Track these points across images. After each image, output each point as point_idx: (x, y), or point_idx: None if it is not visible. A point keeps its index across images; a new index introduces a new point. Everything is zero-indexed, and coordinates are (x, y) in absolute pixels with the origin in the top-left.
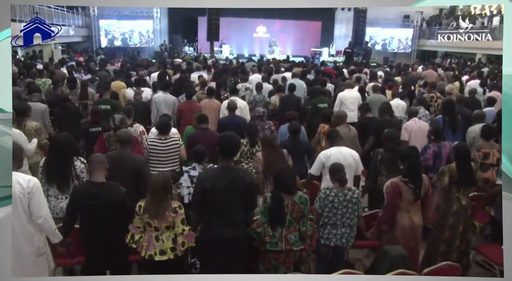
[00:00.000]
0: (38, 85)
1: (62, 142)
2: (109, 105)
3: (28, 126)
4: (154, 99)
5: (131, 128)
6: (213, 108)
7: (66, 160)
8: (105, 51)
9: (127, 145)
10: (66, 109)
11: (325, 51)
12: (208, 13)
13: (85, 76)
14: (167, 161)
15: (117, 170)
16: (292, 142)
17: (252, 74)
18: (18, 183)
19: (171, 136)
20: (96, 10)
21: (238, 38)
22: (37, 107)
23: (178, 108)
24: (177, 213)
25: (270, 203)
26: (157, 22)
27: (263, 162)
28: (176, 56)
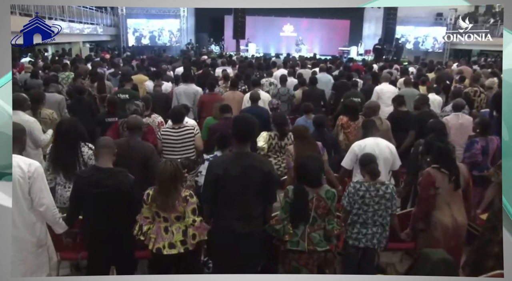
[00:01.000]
0: (61, 78)
1: (67, 127)
2: (128, 94)
3: (44, 114)
4: (174, 91)
5: (149, 118)
6: (236, 100)
7: (72, 145)
8: (133, 50)
9: (137, 132)
10: (81, 101)
11: (354, 50)
12: (234, 12)
13: (108, 70)
14: (181, 151)
15: (124, 158)
16: (317, 135)
17: (277, 70)
18: (18, 166)
19: (185, 126)
20: (124, 10)
21: (265, 37)
22: (53, 97)
23: (199, 100)
24: (188, 202)
25: (292, 197)
26: (184, 21)
27: (295, 156)
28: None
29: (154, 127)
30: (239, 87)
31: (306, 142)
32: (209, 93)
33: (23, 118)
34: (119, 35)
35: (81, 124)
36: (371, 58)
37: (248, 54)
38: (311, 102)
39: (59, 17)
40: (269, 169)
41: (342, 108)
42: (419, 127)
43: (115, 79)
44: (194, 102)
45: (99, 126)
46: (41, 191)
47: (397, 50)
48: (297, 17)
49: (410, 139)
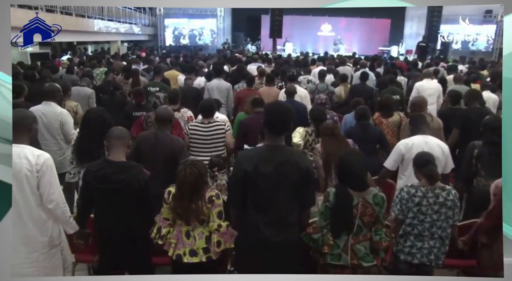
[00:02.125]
0: (96, 74)
1: (94, 116)
2: (158, 87)
3: (68, 106)
4: (206, 86)
5: (178, 113)
6: (272, 95)
7: (97, 136)
8: (169, 49)
9: (165, 125)
10: (113, 96)
11: (394, 50)
12: (271, 11)
13: (142, 66)
14: (210, 148)
15: (151, 153)
16: (360, 129)
17: (315, 67)
18: (26, 158)
19: (215, 121)
20: (162, 10)
21: (302, 37)
22: (83, 91)
23: (236, 96)
24: (213, 204)
25: (334, 202)
26: (220, 20)
27: (323, 154)
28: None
29: (183, 122)
30: (276, 83)
31: (335, 140)
32: (247, 89)
33: (56, 110)
34: (157, 34)
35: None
36: (413, 58)
37: (285, 53)
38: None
39: (98, 16)
40: (307, 166)
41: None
42: (466, 126)
43: (148, 74)
44: (227, 97)
45: (126, 120)
46: (50, 185)
47: (443, 48)
48: (335, 16)
49: (452, 139)
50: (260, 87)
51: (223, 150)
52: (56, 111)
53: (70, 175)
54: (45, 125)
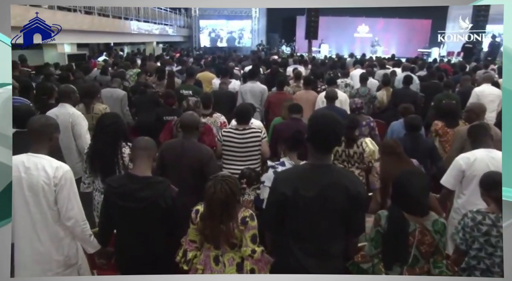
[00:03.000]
0: (129, 75)
1: (107, 122)
2: (191, 90)
3: (96, 109)
4: (240, 89)
5: (211, 118)
6: (309, 100)
7: (112, 144)
8: (204, 50)
9: (192, 132)
10: (145, 96)
11: (435, 52)
12: (307, 12)
13: (176, 68)
14: (244, 157)
15: (176, 163)
16: (410, 141)
17: (353, 70)
18: (44, 169)
19: (251, 127)
20: (198, 11)
21: (338, 38)
22: (115, 93)
23: (266, 100)
24: (247, 226)
25: (386, 227)
26: (255, 22)
27: (382, 175)
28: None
29: (216, 128)
30: (319, 87)
31: (397, 160)
32: (277, 92)
33: (68, 111)
34: (192, 36)
35: (146, 119)
36: (456, 60)
37: (320, 55)
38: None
39: (134, 18)
40: (358, 189)
41: (434, 112)
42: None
43: (182, 76)
44: (261, 101)
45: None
46: (69, 201)
47: (491, 49)
48: (373, 17)
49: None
50: (297, 89)
51: (258, 160)
52: (68, 112)
53: (84, 185)
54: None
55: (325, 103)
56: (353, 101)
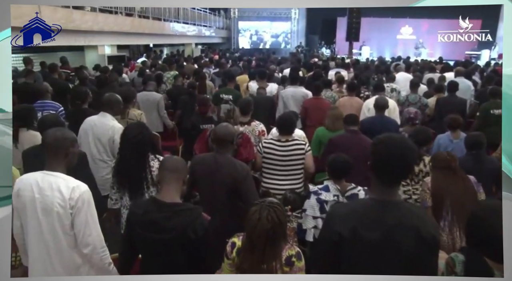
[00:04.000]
0: (167, 77)
1: (131, 133)
2: (231, 95)
3: (132, 114)
4: (281, 94)
5: (248, 126)
6: (353, 107)
7: (137, 157)
8: (242, 52)
9: (226, 147)
10: (193, 97)
11: (485, 54)
12: (349, 13)
13: (213, 70)
14: (286, 171)
15: (208, 181)
16: (472, 161)
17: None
18: (59, 190)
19: (295, 139)
20: (237, 12)
21: (380, 40)
22: (152, 96)
23: (303, 106)
24: (293, 267)
25: (463, 275)
26: (294, 23)
27: (434, 191)
28: (311, 56)
29: (253, 137)
30: (362, 93)
31: (452, 175)
32: (314, 97)
33: (108, 122)
34: (230, 37)
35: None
36: None
37: (362, 57)
38: (448, 114)
39: (174, 19)
40: (433, 233)
41: (481, 122)
42: None
43: (219, 79)
44: None
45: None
46: (86, 226)
47: None
48: (417, 18)
49: None
50: (340, 95)
51: (301, 175)
52: (108, 123)
53: (111, 201)
54: (94, 138)
55: (371, 111)
56: (407, 111)
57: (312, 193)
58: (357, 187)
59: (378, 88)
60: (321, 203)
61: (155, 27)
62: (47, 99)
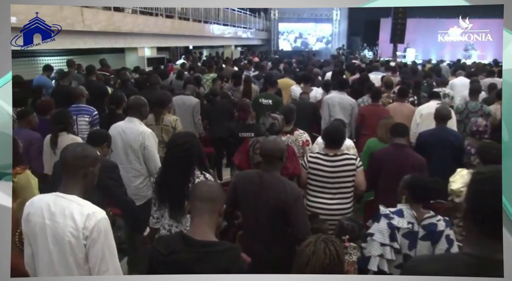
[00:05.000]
0: (205, 80)
1: (178, 142)
2: (271, 100)
3: (166, 120)
4: (326, 100)
5: (291, 135)
6: (404, 114)
7: (183, 170)
8: (282, 54)
9: (274, 164)
10: (217, 104)
11: None
12: (394, 13)
13: (253, 73)
14: (334, 189)
15: (252, 202)
16: None
17: (453, 78)
18: (72, 217)
19: (344, 153)
20: (277, 14)
21: (425, 42)
22: (188, 100)
23: (359, 113)
24: None
25: None
26: (336, 25)
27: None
28: (354, 59)
29: (297, 148)
30: (408, 98)
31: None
32: (372, 104)
33: (138, 128)
34: (270, 39)
35: (218, 133)
36: None
37: (406, 60)
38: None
39: (214, 21)
40: None
41: None
42: None
43: (259, 82)
44: (350, 117)
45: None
46: (102, 259)
47: None
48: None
49: None
50: (387, 101)
51: (351, 193)
52: (137, 129)
53: (153, 220)
54: (125, 145)
55: (423, 118)
56: (475, 122)
57: (382, 216)
58: (437, 216)
59: (433, 95)
60: (392, 229)
61: (195, 29)
62: (82, 103)
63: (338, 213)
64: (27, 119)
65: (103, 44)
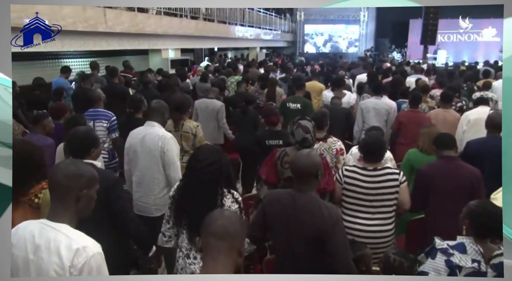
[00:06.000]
0: (230, 82)
1: (205, 160)
2: (299, 104)
3: (187, 126)
4: (360, 105)
5: (324, 143)
6: (449, 122)
7: (208, 192)
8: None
9: (309, 183)
10: (247, 112)
11: None
12: (425, 13)
13: (280, 75)
14: (374, 210)
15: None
16: None
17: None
18: (57, 252)
19: (386, 166)
20: (303, 16)
21: (457, 43)
22: (212, 104)
23: (397, 120)
24: None
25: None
26: (363, 26)
27: None
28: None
29: (330, 157)
30: (454, 104)
31: None
32: (412, 110)
33: (158, 132)
34: (295, 41)
35: (246, 141)
36: None
37: (437, 62)
38: None
39: (238, 23)
40: None
41: None
42: None
43: (285, 85)
44: (386, 122)
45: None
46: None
47: None
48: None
49: None
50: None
51: (392, 213)
52: (157, 133)
53: (164, 238)
54: (144, 152)
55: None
56: None
57: (439, 250)
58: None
59: (479, 101)
60: (452, 268)
61: (219, 30)
62: (99, 107)
63: (378, 236)
64: (41, 124)
65: (126, 45)
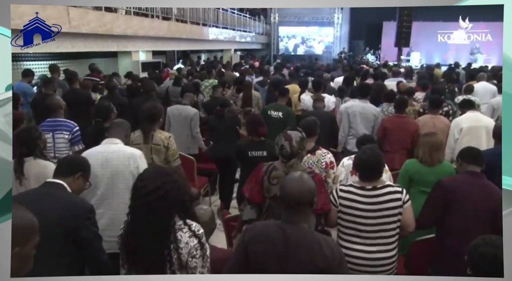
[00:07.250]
0: (205, 86)
1: (149, 186)
2: (281, 112)
3: (157, 138)
4: (345, 109)
5: (312, 156)
6: (438, 128)
7: (158, 226)
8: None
9: (303, 213)
10: (223, 118)
11: None
12: (399, 17)
13: (256, 78)
14: (374, 234)
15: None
16: None
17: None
18: None
19: (386, 184)
20: (277, 18)
21: (429, 45)
22: (185, 111)
23: (381, 126)
24: None
25: None
26: (337, 28)
27: None
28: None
29: (319, 170)
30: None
31: None
32: (397, 115)
33: (125, 150)
34: (270, 43)
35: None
36: None
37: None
38: None
39: (212, 24)
40: None
41: None
42: None
43: (263, 89)
44: (373, 128)
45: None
46: None
47: None
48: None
49: None
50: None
51: (395, 237)
52: (125, 151)
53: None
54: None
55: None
56: None
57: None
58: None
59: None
60: None
61: (193, 32)
62: (59, 116)
63: (379, 263)
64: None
65: (94, 47)
